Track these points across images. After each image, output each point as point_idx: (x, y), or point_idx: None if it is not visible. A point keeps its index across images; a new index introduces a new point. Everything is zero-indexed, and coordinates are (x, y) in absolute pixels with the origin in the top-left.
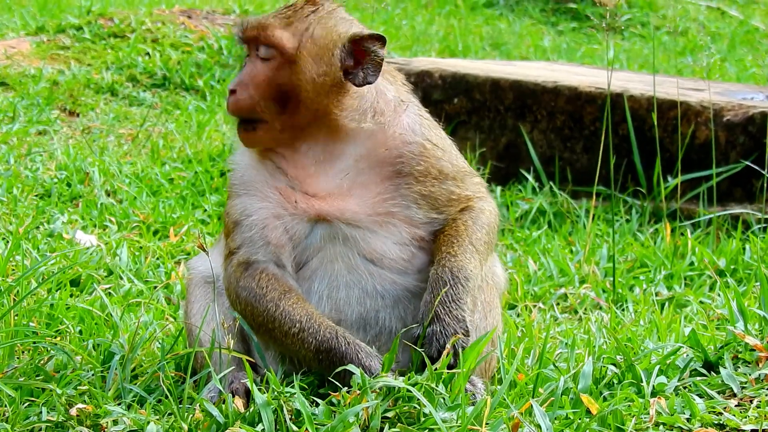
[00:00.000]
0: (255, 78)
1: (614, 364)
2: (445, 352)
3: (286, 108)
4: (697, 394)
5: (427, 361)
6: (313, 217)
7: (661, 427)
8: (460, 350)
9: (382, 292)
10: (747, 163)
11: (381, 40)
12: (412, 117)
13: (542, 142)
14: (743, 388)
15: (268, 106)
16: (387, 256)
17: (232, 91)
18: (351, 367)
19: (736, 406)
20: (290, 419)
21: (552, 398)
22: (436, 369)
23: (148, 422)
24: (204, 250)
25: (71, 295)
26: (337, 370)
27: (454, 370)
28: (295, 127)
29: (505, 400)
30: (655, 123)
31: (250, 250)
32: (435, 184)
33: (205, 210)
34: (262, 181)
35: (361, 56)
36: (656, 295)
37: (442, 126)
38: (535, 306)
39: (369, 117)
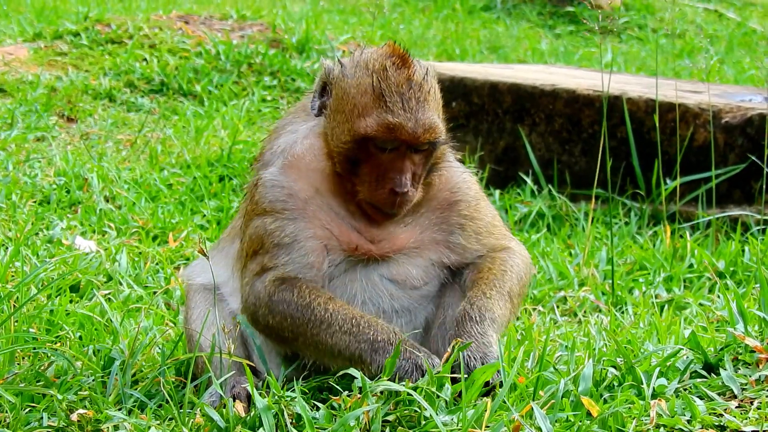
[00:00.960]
0: (415, 171)
1: (614, 367)
2: (445, 356)
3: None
4: (697, 396)
5: (428, 368)
6: (361, 255)
7: (661, 429)
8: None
9: (399, 309)
10: (752, 158)
11: None
12: (455, 167)
13: (541, 145)
14: (743, 389)
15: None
16: (410, 278)
17: (405, 193)
18: (406, 363)
19: (736, 407)
20: (291, 423)
21: (552, 401)
22: (437, 373)
23: (149, 427)
24: (205, 255)
25: (71, 301)
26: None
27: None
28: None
29: (505, 402)
30: (657, 125)
31: (291, 269)
32: (467, 218)
33: (204, 215)
34: (320, 209)
35: None
36: (656, 297)
37: None
38: (534, 309)
39: (444, 161)
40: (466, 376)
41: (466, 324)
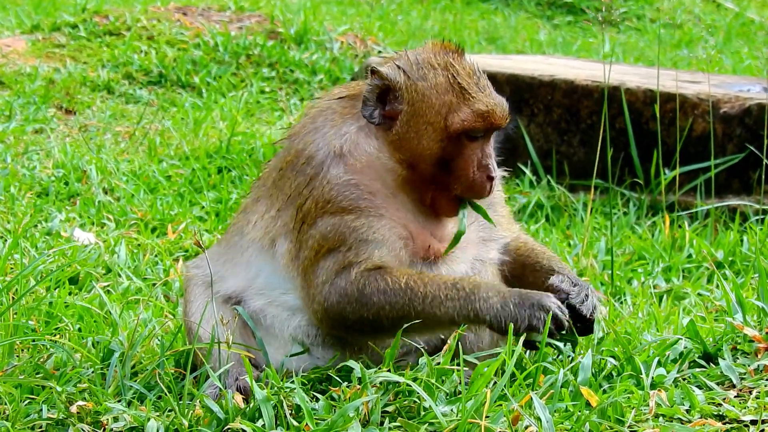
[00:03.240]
0: (495, 156)
1: (613, 357)
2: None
3: None
4: (696, 386)
5: (428, 359)
6: (432, 254)
7: (660, 418)
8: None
9: None
10: (751, 148)
11: None
12: None
13: (539, 135)
14: (742, 379)
15: None
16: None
17: (493, 177)
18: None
19: (735, 397)
20: (290, 414)
21: (552, 391)
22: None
23: (149, 419)
24: (201, 247)
25: (70, 293)
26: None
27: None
28: None
29: (505, 393)
30: (658, 115)
31: (381, 260)
32: (499, 216)
33: (203, 207)
34: (399, 210)
35: None
36: (654, 287)
37: None
38: None
39: None
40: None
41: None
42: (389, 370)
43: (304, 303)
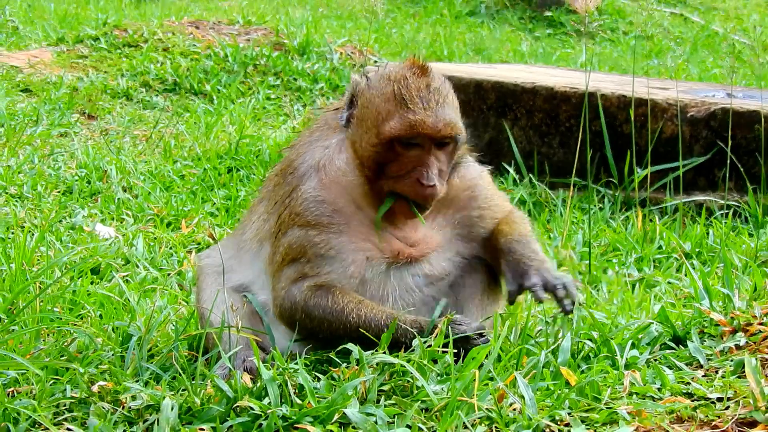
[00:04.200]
0: (441, 166)
1: (590, 340)
2: (437, 329)
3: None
4: (667, 366)
5: (420, 343)
6: (401, 259)
7: (634, 396)
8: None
9: (427, 301)
10: (721, 145)
11: None
12: (472, 165)
13: (522, 138)
14: (709, 359)
15: (443, 182)
16: (438, 273)
17: (432, 186)
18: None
19: (702, 376)
20: (294, 393)
21: (534, 371)
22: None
23: (164, 397)
24: (214, 239)
25: (92, 283)
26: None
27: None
28: None
29: (491, 373)
30: (632, 119)
31: (329, 278)
32: (484, 209)
33: (214, 203)
34: (362, 224)
35: None
36: (628, 276)
37: None
38: None
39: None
40: (550, 296)
41: (519, 249)
42: (385, 352)
43: (270, 302)
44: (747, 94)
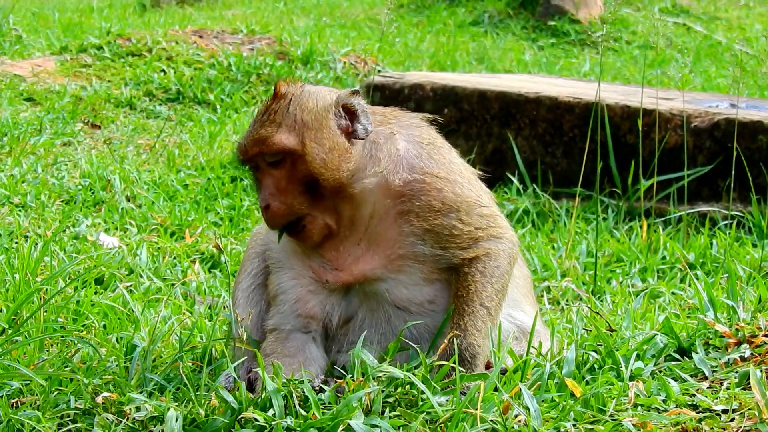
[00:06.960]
0: (278, 185)
1: (595, 351)
2: (442, 347)
3: (316, 196)
4: (671, 378)
5: (422, 355)
6: (342, 287)
7: (639, 408)
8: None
9: (416, 336)
10: (733, 153)
11: (357, 92)
12: (409, 151)
13: (525, 147)
14: (714, 371)
15: (302, 201)
16: (414, 301)
17: (267, 207)
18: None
19: (707, 388)
20: (299, 404)
21: (539, 383)
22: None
23: (168, 408)
24: (220, 250)
25: (96, 293)
26: None
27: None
28: (328, 210)
29: (496, 384)
30: (640, 129)
31: (280, 320)
32: (438, 217)
33: (218, 213)
34: (297, 259)
35: (350, 114)
36: (632, 287)
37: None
38: None
39: (369, 172)
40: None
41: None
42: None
43: None
44: (750, 104)
